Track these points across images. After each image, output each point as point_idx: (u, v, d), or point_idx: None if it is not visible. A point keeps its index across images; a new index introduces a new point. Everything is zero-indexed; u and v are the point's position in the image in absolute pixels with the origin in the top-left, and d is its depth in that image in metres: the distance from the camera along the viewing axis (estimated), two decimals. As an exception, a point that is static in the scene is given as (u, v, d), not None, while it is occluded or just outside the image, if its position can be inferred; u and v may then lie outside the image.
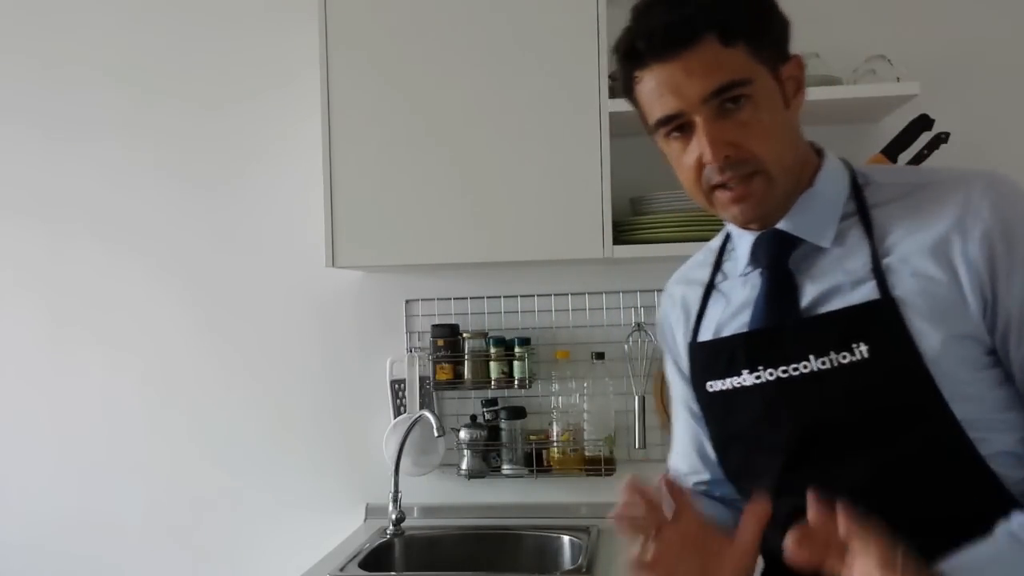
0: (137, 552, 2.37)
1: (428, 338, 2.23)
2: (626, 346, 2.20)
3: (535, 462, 2.19)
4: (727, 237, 1.17)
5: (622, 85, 1.06)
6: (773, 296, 1.05)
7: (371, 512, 2.28)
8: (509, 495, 2.26)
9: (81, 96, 2.40)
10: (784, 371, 1.00)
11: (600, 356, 2.18)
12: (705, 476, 1.21)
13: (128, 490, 2.38)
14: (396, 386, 2.27)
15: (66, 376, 2.41)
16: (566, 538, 2.06)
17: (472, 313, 2.27)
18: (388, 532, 2.10)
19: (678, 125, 1.01)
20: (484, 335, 2.20)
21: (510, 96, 1.96)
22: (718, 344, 1.09)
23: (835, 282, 0.99)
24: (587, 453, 2.18)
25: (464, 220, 1.97)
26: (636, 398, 2.15)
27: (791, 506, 0.96)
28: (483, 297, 2.27)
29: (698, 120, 0.98)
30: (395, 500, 2.11)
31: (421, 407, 2.21)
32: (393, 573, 2.03)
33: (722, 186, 1.00)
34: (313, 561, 1.94)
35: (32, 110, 2.42)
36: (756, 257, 1.08)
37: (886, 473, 0.95)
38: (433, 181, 1.98)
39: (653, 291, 2.21)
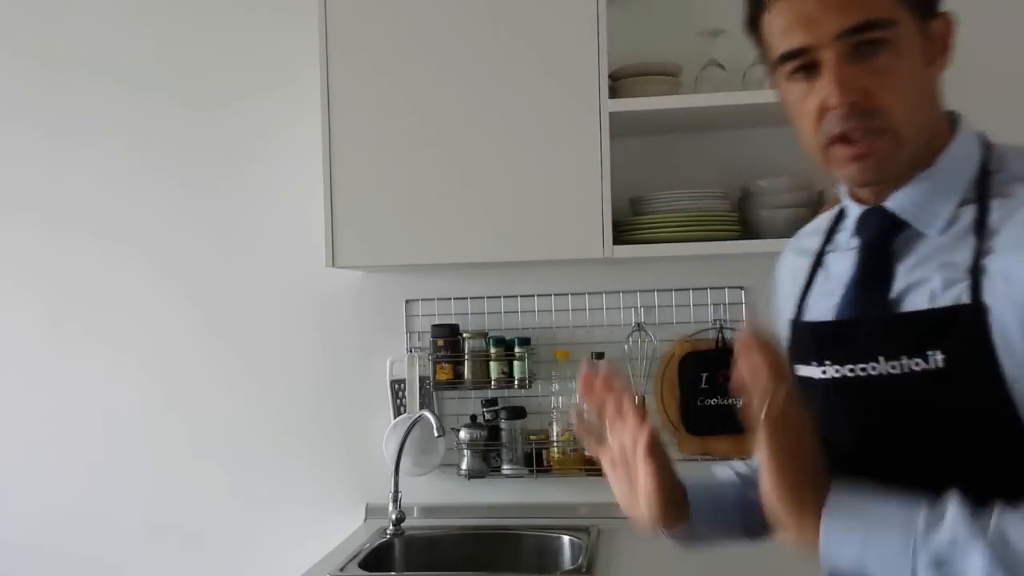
0: (137, 552, 2.37)
1: (428, 338, 2.24)
2: (626, 346, 2.20)
3: (535, 462, 2.19)
4: (842, 211, 1.07)
5: (747, 10, 0.96)
6: (863, 281, 0.96)
7: (371, 512, 2.28)
8: (509, 495, 2.26)
9: (81, 96, 2.40)
10: (851, 370, 0.92)
11: (600, 356, 2.18)
12: None
13: (128, 490, 2.38)
14: (396, 386, 2.27)
15: (66, 376, 2.41)
16: (566, 538, 2.06)
17: (472, 313, 2.27)
18: (388, 532, 2.10)
19: (804, 64, 0.90)
20: (484, 335, 2.20)
21: (510, 96, 1.96)
22: (800, 327, 1.02)
23: (928, 276, 0.90)
24: (587, 453, 2.18)
25: (464, 220, 1.97)
26: (636, 398, 2.15)
27: None
28: (483, 297, 2.27)
29: (827, 58, 0.88)
30: (395, 500, 2.11)
31: (421, 407, 2.21)
32: (393, 573, 2.03)
33: (842, 140, 0.90)
34: (313, 561, 1.94)
35: (32, 110, 2.42)
36: (860, 230, 0.99)
37: (937, 491, 0.85)
38: (433, 181, 1.98)
39: (653, 291, 2.21)
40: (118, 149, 2.39)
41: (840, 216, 1.07)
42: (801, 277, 1.07)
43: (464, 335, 2.21)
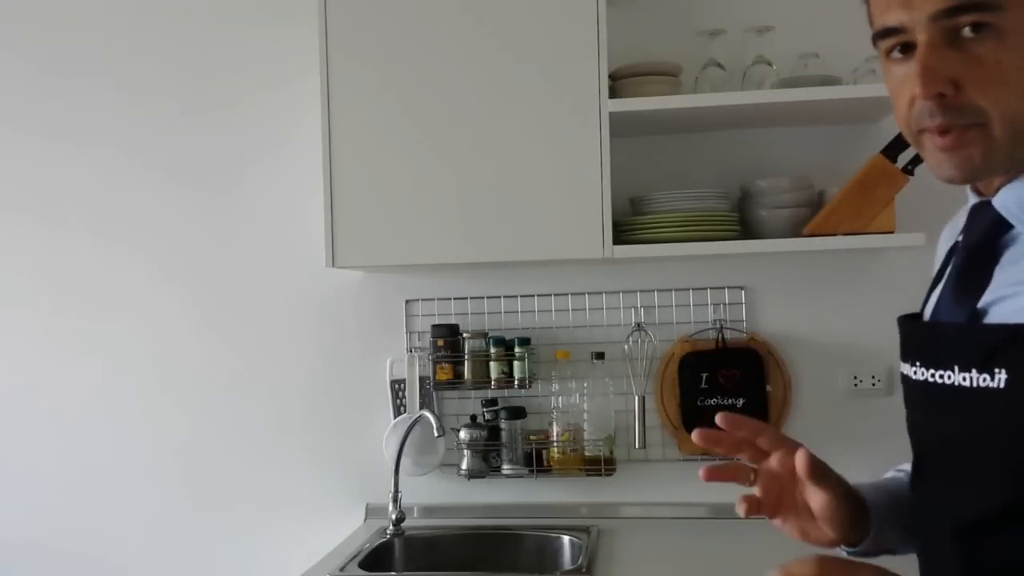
0: (137, 552, 2.37)
1: (428, 338, 2.23)
2: (626, 346, 2.20)
3: (535, 462, 2.19)
4: None
5: None
6: (956, 283, 0.90)
7: (371, 512, 2.28)
8: (509, 495, 2.26)
9: (81, 97, 2.40)
10: (932, 375, 0.88)
11: (600, 356, 2.18)
12: None
13: (128, 490, 2.38)
14: (396, 386, 2.27)
15: (65, 377, 2.40)
16: (566, 538, 2.06)
17: (472, 313, 2.27)
18: (388, 532, 2.10)
19: (900, 43, 0.83)
20: (484, 335, 2.20)
21: (510, 96, 1.96)
22: (901, 324, 0.97)
23: (1012, 288, 0.83)
24: (587, 453, 2.18)
25: (464, 220, 1.97)
26: (636, 398, 2.15)
27: (913, 520, 0.93)
28: (483, 297, 2.27)
29: (920, 40, 0.81)
30: (395, 500, 2.11)
31: (421, 407, 2.21)
32: (393, 573, 2.03)
33: (933, 129, 0.83)
34: (313, 561, 1.94)
35: (32, 111, 2.42)
36: (966, 226, 0.92)
37: (992, 512, 0.83)
38: (433, 181, 1.98)
39: (653, 291, 2.21)
40: (118, 149, 2.39)
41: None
42: (937, 264, 1.00)
43: (464, 335, 2.21)
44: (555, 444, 2.19)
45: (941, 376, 0.86)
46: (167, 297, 2.37)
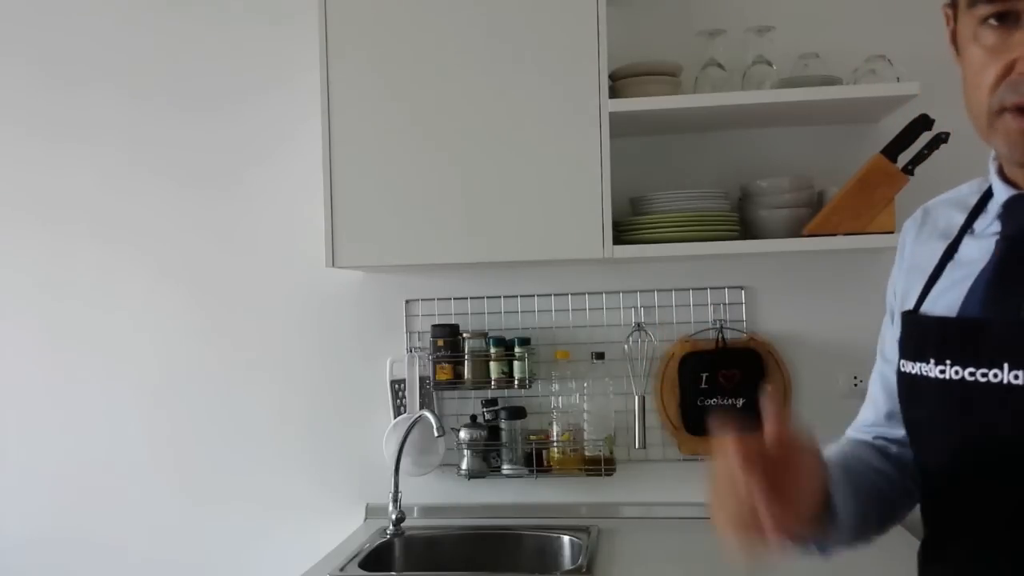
0: (137, 551, 2.37)
1: (428, 338, 2.23)
2: (626, 346, 2.20)
3: (535, 462, 2.19)
4: (989, 188, 0.96)
5: None
6: (1000, 277, 0.88)
7: (371, 512, 2.28)
8: (509, 495, 2.26)
9: (80, 97, 2.40)
10: (971, 373, 0.86)
11: (600, 356, 2.18)
12: (894, 433, 1.08)
13: (128, 489, 2.38)
14: (396, 386, 2.27)
15: (66, 377, 2.40)
16: (566, 538, 2.06)
17: (472, 313, 2.27)
18: (388, 532, 2.10)
19: (1004, 11, 0.80)
20: (484, 335, 2.20)
21: (510, 96, 1.96)
22: (920, 321, 0.95)
23: None
24: (587, 453, 2.18)
25: (464, 220, 1.97)
26: (636, 398, 2.15)
27: (940, 523, 0.91)
28: (483, 297, 2.27)
29: None
30: (395, 500, 2.11)
31: (421, 407, 2.21)
32: (393, 573, 2.03)
33: (1017, 110, 0.81)
34: (313, 561, 1.94)
35: (32, 111, 2.42)
36: (1004, 218, 0.90)
37: None
38: (433, 181, 1.98)
39: (653, 291, 2.21)
40: (117, 149, 2.39)
41: (987, 195, 0.96)
42: (931, 263, 0.98)
43: (464, 335, 2.21)
44: (555, 444, 2.19)
45: (984, 374, 0.84)
46: (167, 297, 2.37)
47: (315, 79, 2.01)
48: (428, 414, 2.08)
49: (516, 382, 2.16)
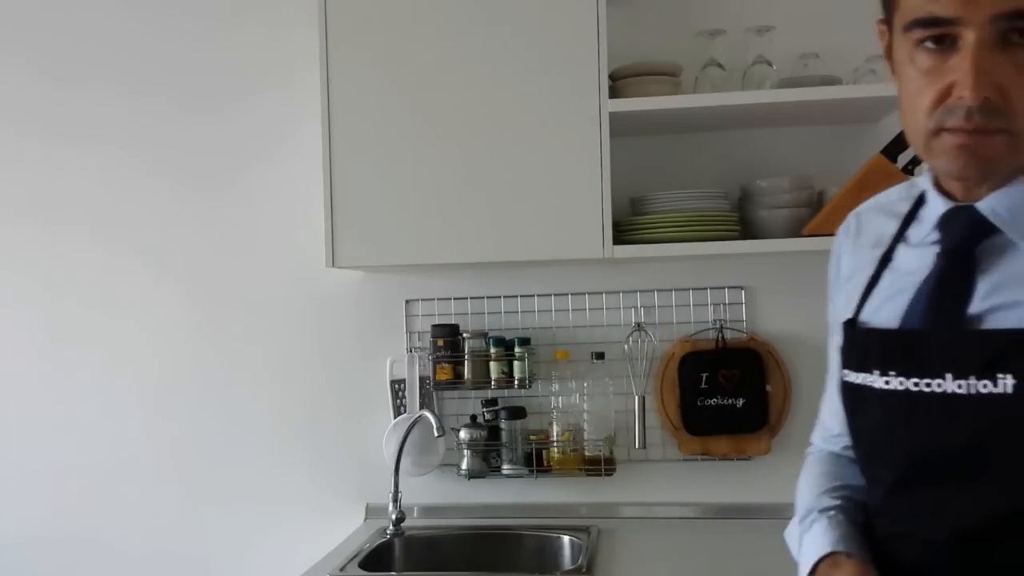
0: (137, 551, 2.37)
1: (428, 338, 2.23)
2: (626, 346, 2.20)
3: (535, 462, 2.19)
4: (921, 196, 0.98)
5: None
6: (941, 289, 0.90)
7: (371, 512, 2.28)
8: (509, 495, 2.26)
9: (80, 97, 2.40)
10: (915, 383, 0.88)
11: (600, 356, 2.18)
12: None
13: (128, 489, 2.38)
14: (396, 386, 2.27)
15: (66, 376, 2.40)
16: (566, 538, 2.06)
17: (472, 313, 2.27)
18: (388, 532, 2.10)
19: (939, 35, 0.82)
20: (484, 335, 2.20)
21: (510, 96, 1.96)
22: (863, 334, 0.97)
23: (1015, 295, 0.85)
24: (587, 453, 2.18)
25: (464, 220, 1.97)
26: (636, 398, 2.15)
27: (887, 531, 0.93)
28: (483, 297, 2.27)
29: (971, 39, 0.80)
30: (395, 500, 2.11)
31: (421, 407, 2.21)
32: (393, 573, 2.03)
33: (955, 129, 0.83)
34: (313, 561, 1.94)
35: (31, 111, 2.42)
36: (943, 230, 0.92)
37: (988, 524, 0.85)
38: (433, 181, 1.98)
39: (653, 291, 2.21)
40: (117, 149, 2.39)
41: (919, 203, 0.98)
42: (866, 272, 1.00)
43: (464, 335, 2.21)
44: (555, 444, 2.19)
45: (928, 384, 0.87)
46: (167, 297, 2.37)
47: (315, 79, 2.01)
48: (428, 414, 2.08)
49: (516, 382, 2.16)
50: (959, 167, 0.86)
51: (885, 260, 0.98)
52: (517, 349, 2.17)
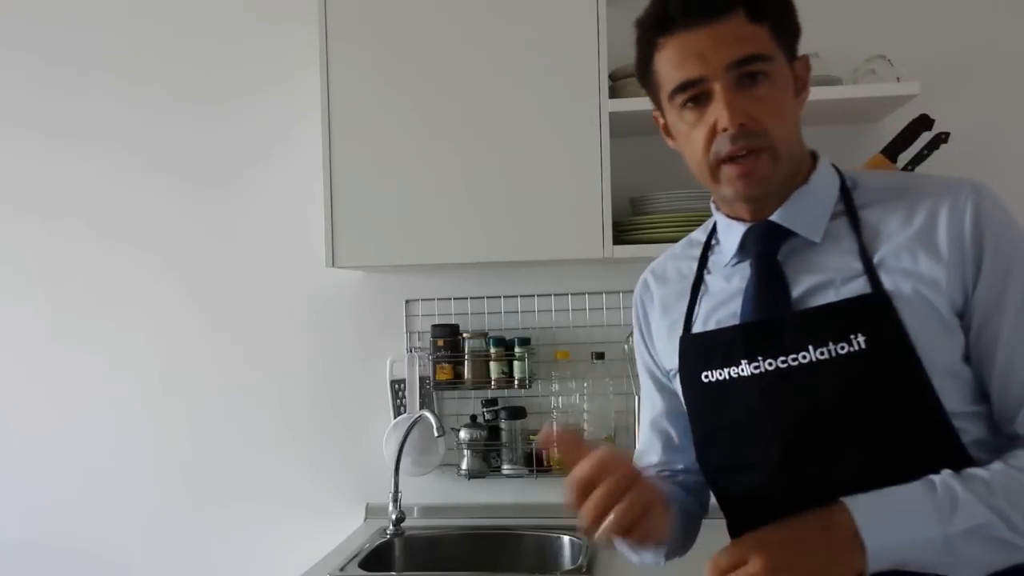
0: (137, 551, 2.37)
1: (428, 338, 2.23)
2: (626, 346, 2.20)
3: (535, 462, 2.19)
4: (713, 230, 1.20)
5: (639, 55, 1.07)
6: (764, 287, 1.07)
7: (371, 512, 2.28)
8: (509, 495, 2.26)
9: (81, 95, 2.40)
10: (783, 361, 1.02)
11: (600, 356, 2.18)
12: (676, 466, 1.24)
13: (128, 489, 2.38)
14: (396, 386, 2.27)
15: (66, 375, 2.41)
16: (566, 538, 2.06)
17: (472, 313, 2.27)
18: (388, 532, 2.10)
19: (695, 95, 1.02)
20: (484, 335, 2.20)
21: (510, 96, 1.96)
22: (715, 335, 1.10)
23: (826, 277, 1.03)
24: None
25: (464, 220, 1.97)
26: (636, 398, 2.15)
27: (782, 499, 0.99)
28: (483, 297, 2.27)
29: (717, 88, 1.00)
30: (395, 500, 2.11)
31: (421, 407, 2.21)
32: (393, 573, 2.03)
33: (730, 160, 1.02)
34: (313, 561, 1.94)
35: (32, 108, 2.42)
36: (745, 248, 1.10)
37: (878, 463, 0.97)
38: (433, 181, 1.98)
39: (653, 291, 2.21)
40: (118, 148, 2.39)
41: (708, 243, 1.19)
42: (679, 299, 1.17)
43: (464, 335, 2.21)
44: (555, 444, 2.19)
45: (795, 359, 1.01)
46: (167, 296, 2.37)
47: (315, 78, 2.01)
48: (428, 414, 2.08)
49: (516, 382, 2.17)
50: (742, 188, 1.03)
51: (696, 287, 1.15)
52: (517, 349, 2.17)
